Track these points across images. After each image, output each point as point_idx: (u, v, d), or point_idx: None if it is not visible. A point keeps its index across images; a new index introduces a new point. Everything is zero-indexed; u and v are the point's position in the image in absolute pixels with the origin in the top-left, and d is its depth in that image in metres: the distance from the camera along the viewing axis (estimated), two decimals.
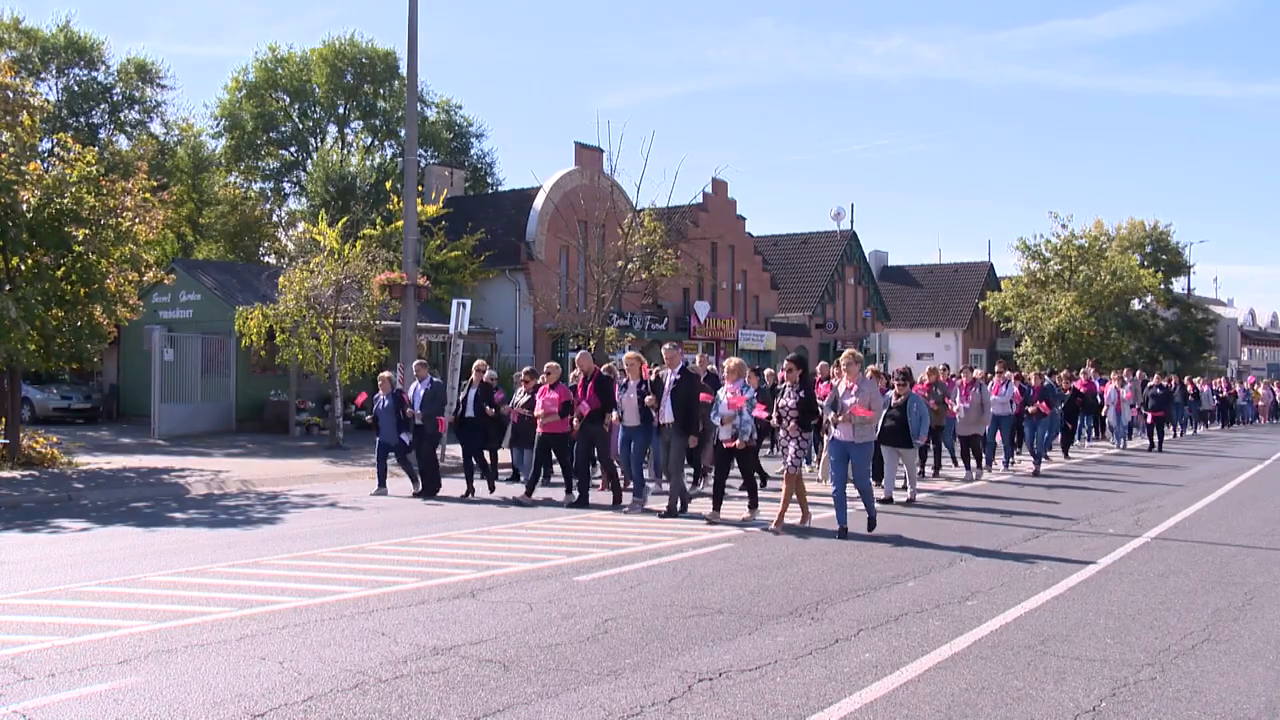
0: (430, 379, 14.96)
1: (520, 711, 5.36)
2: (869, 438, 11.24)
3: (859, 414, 10.86)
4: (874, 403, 11.12)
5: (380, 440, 14.85)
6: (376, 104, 47.84)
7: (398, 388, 15.14)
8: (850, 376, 11.28)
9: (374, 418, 15.05)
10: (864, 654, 6.47)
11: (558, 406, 13.51)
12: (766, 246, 47.05)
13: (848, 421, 10.95)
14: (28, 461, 17.40)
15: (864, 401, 10.94)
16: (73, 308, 17.45)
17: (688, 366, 12.99)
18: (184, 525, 11.95)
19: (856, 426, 10.96)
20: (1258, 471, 19.62)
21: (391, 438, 14.72)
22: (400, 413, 14.66)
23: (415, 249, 20.32)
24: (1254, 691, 5.86)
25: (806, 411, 11.49)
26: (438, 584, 8.44)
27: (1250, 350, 77.44)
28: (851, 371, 11.30)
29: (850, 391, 11.10)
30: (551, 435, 13.69)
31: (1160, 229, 56.96)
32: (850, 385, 11.19)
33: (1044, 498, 14.77)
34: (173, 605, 7.62)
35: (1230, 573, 9.33)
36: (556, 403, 13.53)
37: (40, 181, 16.93)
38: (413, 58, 19.89)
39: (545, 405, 13.56)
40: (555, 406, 13.51)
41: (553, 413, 13.51)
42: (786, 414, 11.51)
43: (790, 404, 11.53)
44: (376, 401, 14.97)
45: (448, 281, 31.75)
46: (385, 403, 14.77)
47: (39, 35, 39.86)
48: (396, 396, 14.79)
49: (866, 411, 10.90)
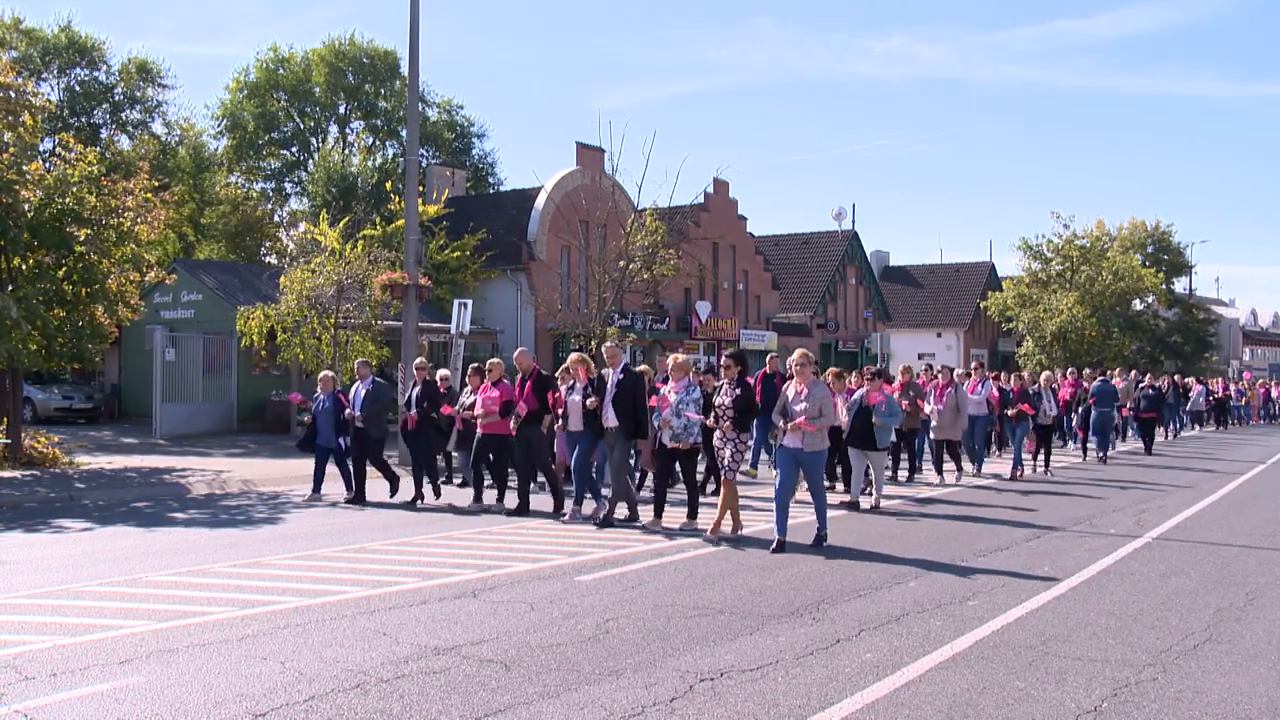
0: (372, 379, 14.09)
1: (521, 711, 5.36)
2: (820, 446, 10.39)
3: (804, 427, 10.08)
4: (825, 407, 10.28)
5: (318, 443, 14.14)
6: (377, 104, 47.88)
7: (338, 389, 14.46)
8: (801, 379, 10.45)
9: (312, 419, 14.29)
10: (865, 654, 6.47)
11: (498, 406, 12.75)
12: (768, 246, 47.04)
13: (796, 430, 10.18)
14: (29, 461, 17.40)
15: (815, 406, 10.16)
16: (74, 308, 17.46)
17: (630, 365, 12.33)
18: (185, 525, 11.96)
19: (806, 434, 10.20)
20: (1259, 473, 19.60)
21: (330, 440, 14.04)
22: (339, 414, 13.92)
23: (417, 249, 20.32)
24: (1255, 692, 5.86)
25: (744, 412, 10.77)
26: (439, 584, 8.44)
27: (1252, 350, 77.41)
28: (803, 374, 10.48)
29: (800, 396, 10.30)
30: (491, 437, 12.91)
31: (1162, 229, 56.96)
32: (801, 389, 10.38)
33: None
34: (174, 605, 7.62)
35: (1232, 573, 9.32)
36: (497, 402, 12.76)
37: (42, 181, 16.94)
38: (414, 57, 19.90)
39: (485, 404, 12.81)
40: (495, 406, 12.75)
41: (493, 412, 12.75)
42: (723, 414, 10.80)
43: (727, 403, 10.78)
44: (316, 402, 14.25)
45: (449, 281, 31.77)
46: (325, 404, 14.07)
47: (40, 35, 39.89)
48: (336, 398, 14.10)
49: (811, 428, 10.11)
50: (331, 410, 14.02)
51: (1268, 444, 27.86)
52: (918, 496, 14.86)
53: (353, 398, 13.97)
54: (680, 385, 11.20)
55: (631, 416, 11.62)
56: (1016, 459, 17.67)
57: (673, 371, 11.43)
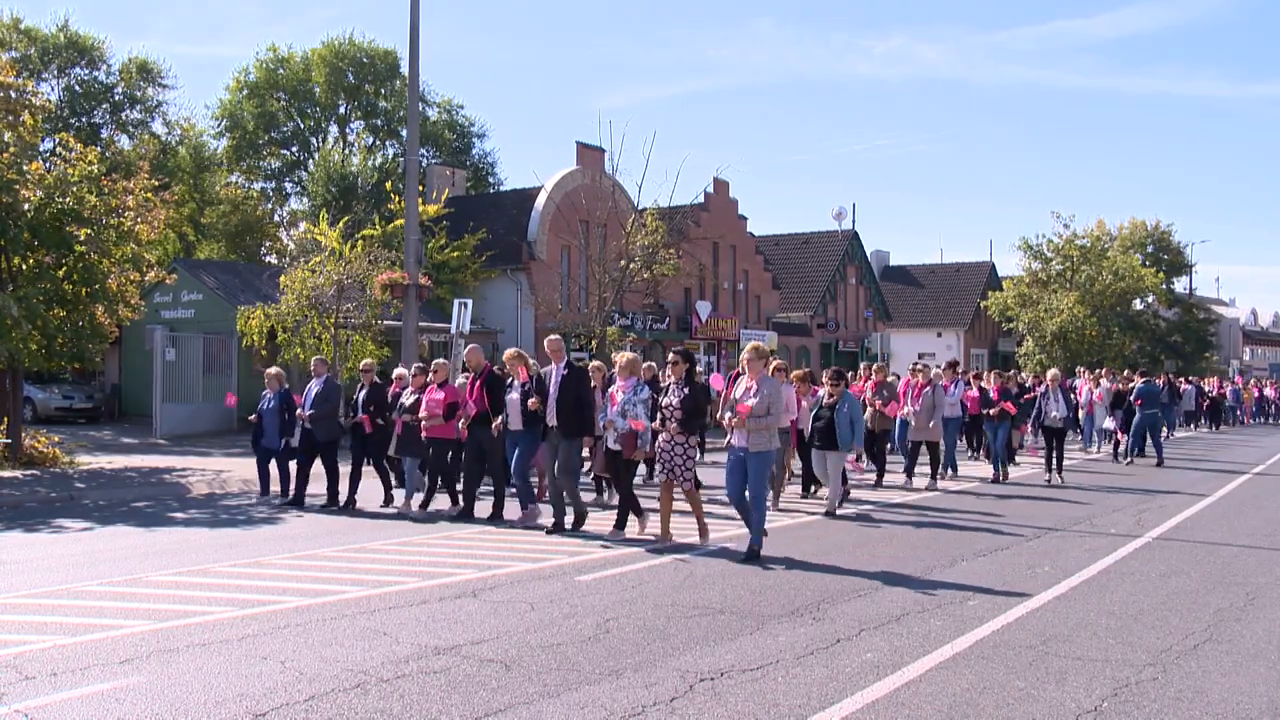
0: (325, 377, 13.51)
1: (522, 711, 5.36)
2: (766, 446, 9.68)
3: (741, 411, 9.49)
4: (774, 405, 9.62)
5: (262, 443, 13.73)
6: (377, 104, 47.89)
7: (286, 387, 13.93)
8: (752, 374, 9.81)
9: (258, 417, 13.78)
10: (865, 654, 6.47)
11: (443, 408, 12.32)
12: (768, 246, 47.04)
13: (741, 425, 9.57)
14: (29, 461, 17.41)
15: (763, 404, 9.53)
16: (74, 307, 17.46)
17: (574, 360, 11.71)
18: (185, 525, 11.96)
19: (751, 432, 9.57)
20: (1258, 473, 19.60)
21: (274, 441, 13.56)
22: (285, 414, 13.47)
23: (417, 249, 20.34)
24: (1256, 691, 5.86)
25: (692, 413, 10.07)
26: (439, 584, 8.44)
27: (1252, 350, 77.38)
28: (753, 368, 9.82)
29: (749, 392, 9.67)
30: (436, 440, 12.49)
31: (1162, 229, 56.93)
32: (751, 384, 9.75)
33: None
34: (174, 605, 7.62)
35: (1232, 573, 9.32)
36: (441, 404, 12.32)
37: (42, 181, 16.94)
38: (414, 57, 19.90)
39: (429, 407, 12.37)
40: (440, 409, 12.31)
41: (437, 415, 12.31)
42: (669, 414, 10.08)
43: (674, 403, 10.08)
44: (263, 400, 13.77)
45: (449, 281, 31.77)
46: (271, 402, 13.60)
47: (39, 35, 39.89)
48: (284, 396, 13.63)
49: (745, 408, 9.49)
50: (277, 409, 13.53)
51: (1264, 444, 27.86)
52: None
53: (304, 396, 13.51)
54: (628, 385, 10.59)
55: (574, 415, 10.85)
56: (995, 460, 17.14)
57: (620, 371, 10.78)
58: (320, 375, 13.52)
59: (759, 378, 9.77)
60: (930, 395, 16.11)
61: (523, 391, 11.40)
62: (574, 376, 11.01)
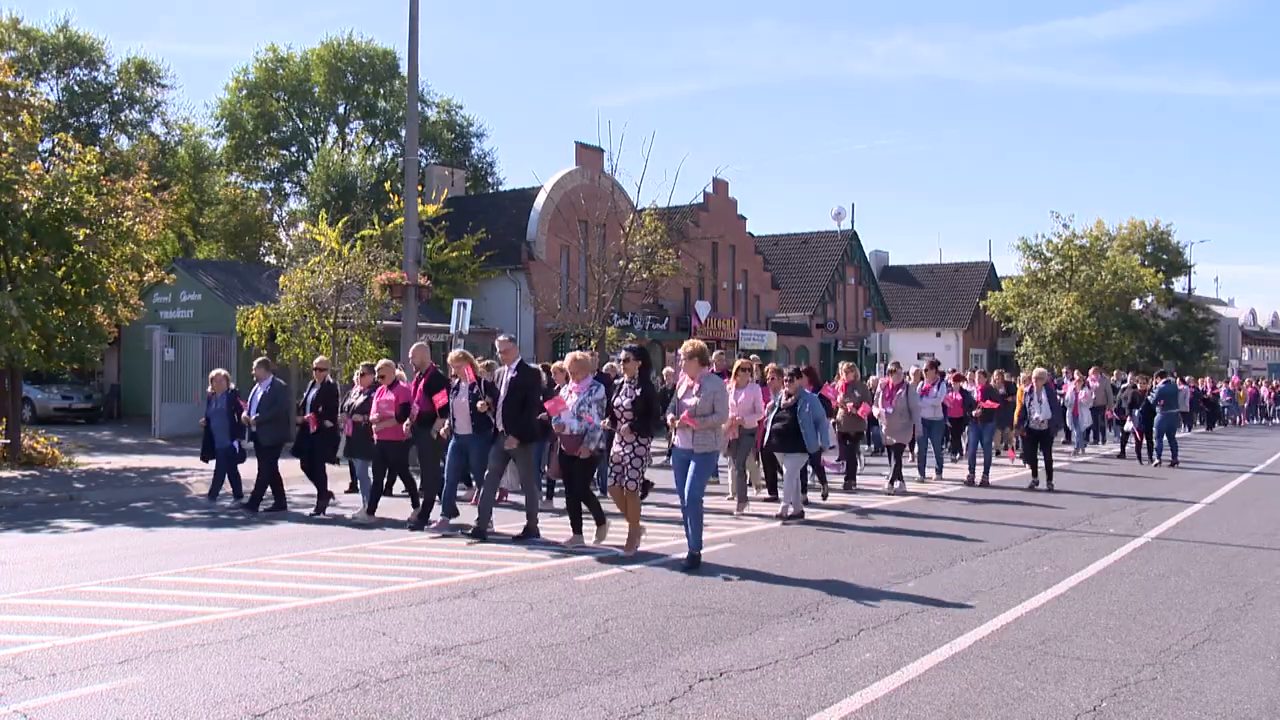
0: (272, 379, 13.09)
1: (521, 711, 5.36)
2: (711, 447, 9.39)
3: (687, 423, 9.22)
4: (717, 404, 9.30)
5: (215, 447, 13.48)
6: (377, 104, 47.87)
7: (233, 388, 13.68)
8: (690, 373, 9.44)
9: (206, 421, 13.52)
10: (865, 654, 6.47)
11: (394, 410, 11.85)
12: (767, 246, 47.06)
13: (685, 425, 9.25)
14: (28, 461, 17.40)
15: (706, 402, 9.21)
16: (73, 307, 17.45)
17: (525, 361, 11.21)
18: (184, 525, 11.95)
19: (697, 433, 9.25)
20: (1256, 473, 19.60)
21: (224, 443, 13.32)
22: (235, 415, 13.20)
23: (416, 249, 20.34)
24: (1255, 691, 5.86)
25: (645, 414, 9.51)
26: (438, 584, 8.44)
27: (1251, 350, 77.42)
28: (691, 367, 9.43)
29: (691, 391, 9.35)
30: (388, 443, 11.98)
31: (1161, 229, 56.99)
32: (692, 384, 9.40)
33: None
34: (173, 605, 7.62)
35: (1231, 572, 9.33)
36: (393, 405, 11.87)
37: (41, 181, 16.93)
38: (413, 57, 19.89)
39: (380, 408, 11.94)
40: (391, 410, 11.86)
41: (388, 416, 11.85)
42: (621, 415, 9.57)
43: (626, 404, 9.55)
44: (211, 404, 13.50)
45: (448, 281, 31.77)
46: (218, 405, 13.31)
47: (38, 35, 39.85)
48: (231, 398, 13.40)
49: (692, 422, 9.19)
50: (225, 412, 13.31)
51: (1263, 445, 27.87)
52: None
53: (250, 400, 13.16)
54: (582, 386, 10.15)
55: (519, 418, 10.44)
56: (972, 462, 16.68)
57: (573, 371, 10.35)
58: (263, 379, 13.06)
59: (701, 376, 9.41)
60: (903, 397, 15.46)
61: (470, 394, 10.96)
62: (523, 378, 10.65)
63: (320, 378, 13.15)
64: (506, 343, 11.08)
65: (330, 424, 12.92)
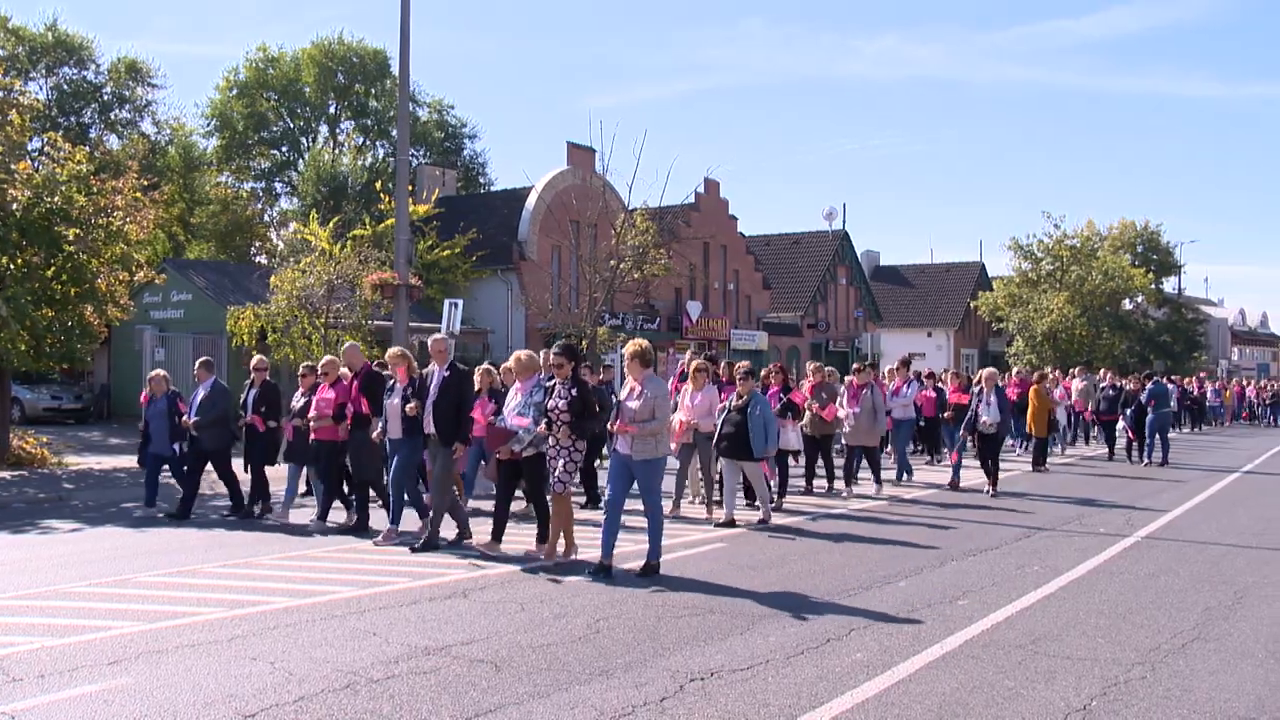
0: (213, 380, 12.60)
1: (512, 711, 5.36)
2: (653, 454, 8.83)
3: (626, 430, 8.81)
4: (659, 408, 8.83)
5: (151, 450, 12.94)
6: (368, 103, 47.83)
7: (173, 390, 13.17)
8: (633, 375, 9.02)
9: (145, 424, 13.01)
10: (855, 653, 6.48)
11: (332, 409, 11.38)
12: (759, 246, 47.14)
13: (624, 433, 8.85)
14: (17, 462, 17.33)
15: (647, 407, 8.79)
16: (63, 307, 17.38)
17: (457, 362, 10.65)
18: (174, 526, 11.90)
19: (636, 439, 8.81)
20: (1246, 473, 19.68)
21: (164, 447, 12.78)
22: (175, 418, 12.70)
23: (407, 249, 20.28)
24: (1243, 689, 5.88)
25: (581, 415, 9.16)
26: (429, 584, 8.43)
27: (1240, 350, 77.75)
28: (633, 368, 9.01)
29: (633, 394, 8.93)
30: (324, 444, 11.53)
31: (1151, 229, 57.19)
32: (635, 386, 8.98)
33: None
34: (163, 606, 7.59)
35: (1221, 571, 9.36)
36: (332, 404, 11.39)
37: (30, 181, 16.85)
38: (405, 57, 19.85)
39: (319, 407, 11.49)
40: (330, 409, 11.38)
41: (326, 415, 11.39)
42: (556, 418, 9.18)
43: (560, 405, 9.16)
44: (150, 405, 13.00)
45: (440, 281, 31.76)
46: (158, 407, 12.84)
47: (27, 34, 39.65)
48: (171, 400, 12.90)
49: (629, 428, 8.79)
50: (165, 414, 12.79)
51: (1250, 445, 27.96)
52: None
53: (190, 403, 12.73)
54: (525, 387, 9.86)
55: (452, 420, 10.03)
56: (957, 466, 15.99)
57: (517, 371, 10.03)
58: (204, 381, 12.58)
59: (643, 379, 8.97)
60: (869, 397, 14.86)
61: (403, 396, 10.37)
62: (455, 379, 10.19)
63: (260, 378, 12.64)
64: (440, 341, 10.58)
65: (274, 424, 12.51)
